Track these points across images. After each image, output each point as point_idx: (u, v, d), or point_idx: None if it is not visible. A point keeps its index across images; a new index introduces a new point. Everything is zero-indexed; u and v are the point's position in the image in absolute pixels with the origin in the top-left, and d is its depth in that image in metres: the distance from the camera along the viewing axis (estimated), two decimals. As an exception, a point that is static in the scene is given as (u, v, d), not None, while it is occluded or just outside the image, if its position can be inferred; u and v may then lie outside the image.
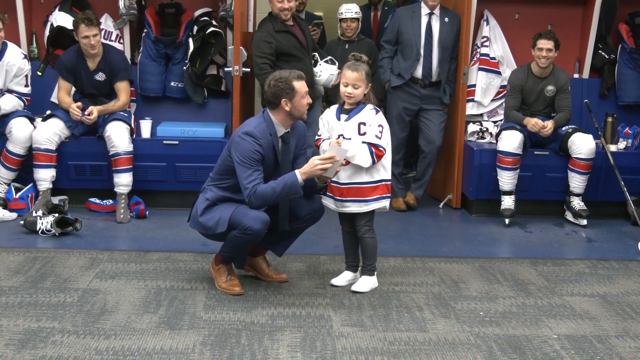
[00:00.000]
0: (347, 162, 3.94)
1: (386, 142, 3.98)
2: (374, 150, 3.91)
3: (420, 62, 5.85)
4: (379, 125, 3.94)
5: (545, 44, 5.51)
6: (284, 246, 4.20)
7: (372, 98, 4.02)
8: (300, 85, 3.84)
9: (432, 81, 5.90)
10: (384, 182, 4.01)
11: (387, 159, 4.01)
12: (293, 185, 3.74)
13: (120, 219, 5.31)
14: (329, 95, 6.22)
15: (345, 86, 3.95)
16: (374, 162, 3.93)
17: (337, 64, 5.82)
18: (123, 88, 5.60)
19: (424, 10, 5.84)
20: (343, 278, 4.17)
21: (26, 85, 5.51)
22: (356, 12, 6.21)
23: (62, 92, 5.55)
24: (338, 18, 6.28)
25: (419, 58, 5.84)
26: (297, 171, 3.77)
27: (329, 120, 4.06)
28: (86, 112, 5.40)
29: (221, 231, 3.84)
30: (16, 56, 5.44)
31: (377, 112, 3.97)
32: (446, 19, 5.85)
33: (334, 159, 3.72)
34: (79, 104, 5.41)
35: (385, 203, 4.04)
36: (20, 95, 5.47)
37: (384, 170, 4.01)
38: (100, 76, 5.55)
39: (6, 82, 5.41)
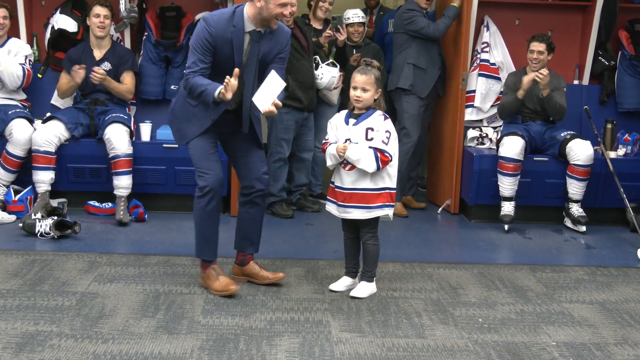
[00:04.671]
0: (353, 167, 3.93)
1: (393, 149, 3.93)
2: (379, 155, 3.88)
3: None
4: (387, 131, 3.90)
5: (536, 46, 5.55)
6: (253, 242, 4.21)
7: (383, 104, 4.00)
8: None
9: None
10: (387, 190, 3.97)
11: (393, 168, 3.96)
12: (208, 96, 3.72)
13: (120, 217, 5.30)
14: (343, 104, 6.22)
15: (354, 89, 3.94)
16: (378, 168, 3.88)
17: (338, 66, 5.83)
18: (129, 77, 5.68)
19: None
20: (342, 283, 4.16)
21: (26, 63, 5.59)
22: (362, 17, 6.23)
23: (61, 81, 5.62)
24: (344, 23, 6.28)
25: None
26: (220, 87, 3.67)
27: (337, 124, 4.04)
28: (94, 68, 5.42)
29: (182, 142, 4.05)
30: (18, 41, 5.64)
31: (385, 118, 3.94)
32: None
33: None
34: (81, 66, 5.46)
35: (389, 211, 4.00)
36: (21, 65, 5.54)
37: (389, 179, 3.97)
38: (106, 65, 5.58)
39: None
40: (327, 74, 5.75)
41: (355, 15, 6.20)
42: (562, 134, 5.63)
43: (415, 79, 5.94)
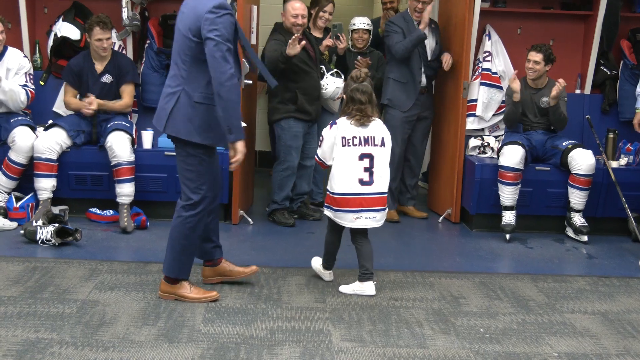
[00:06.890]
0: None
1: (325, 153, 4.19)
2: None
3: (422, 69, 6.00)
4: (320, 136, 4.28)
5: (533, 56, 5.59)
6: (219, 245, 4.25)
7: (345, 110, 4.21)
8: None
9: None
10: (329, 193, 4.20)
11: (338, 172, 4.14)
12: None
13: (124, 225, 5.30)
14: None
15: None
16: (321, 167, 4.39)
17: (342, 76, 5.84)
18: (128, 91, 5.67)
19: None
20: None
21: (28, 82, 5.55)
22: (368, 24, 6.33)
23: (69, 95, 5.61)
24: (350, 29, 6.38)
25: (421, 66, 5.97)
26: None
27: None
28: (86, 101, 5.45)
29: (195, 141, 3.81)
30: (16, 55, 5.51)
31: (330, 123, 4.22)
32: (432, 26, 6.05)
33: None
34: (91, 98, 5.48)
35: (326, 212, 4.26)
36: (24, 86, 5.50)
37: (332, 182, 4.17)
38: (107, 78, 5.58)
39: (8, 78, 5.42)
40: (332, 85, 5.79)
41: (360, 22, 6.33)
42: (563, 144, 5.63)
43: (394, 93, 5.96)
